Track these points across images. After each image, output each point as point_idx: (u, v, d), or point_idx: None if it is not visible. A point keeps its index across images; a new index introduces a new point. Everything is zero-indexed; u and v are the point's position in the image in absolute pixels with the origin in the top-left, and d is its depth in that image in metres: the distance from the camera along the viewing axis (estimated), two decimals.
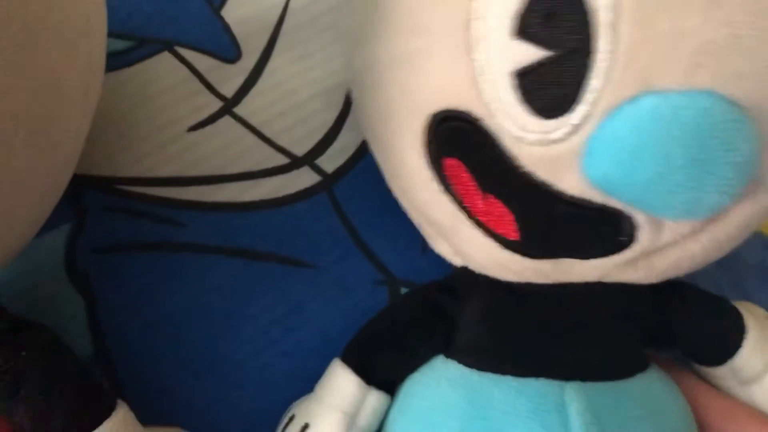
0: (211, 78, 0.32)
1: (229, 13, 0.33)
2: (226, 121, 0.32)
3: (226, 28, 0.33)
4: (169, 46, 0.32)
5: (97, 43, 0.23)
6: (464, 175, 0.24)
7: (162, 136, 0.31)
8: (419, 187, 0.26)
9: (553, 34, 0.20)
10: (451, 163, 0.24)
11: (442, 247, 0.29)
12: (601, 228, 0.23)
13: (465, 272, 0.28)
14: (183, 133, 0.32)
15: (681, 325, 0.28)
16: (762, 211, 0.24)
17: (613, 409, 0.25)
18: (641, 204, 0.22)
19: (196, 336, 0.31)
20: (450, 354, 0.28)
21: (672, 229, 0.23)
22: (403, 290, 0.32)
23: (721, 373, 0.29)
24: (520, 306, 0.27)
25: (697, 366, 0.30)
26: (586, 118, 0.21)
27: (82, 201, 0.31)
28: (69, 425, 0.23)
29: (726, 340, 0.28)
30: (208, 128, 0.32)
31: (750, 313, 0.28)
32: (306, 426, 0.28)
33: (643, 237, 0.23)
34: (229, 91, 0.32)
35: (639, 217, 0.23)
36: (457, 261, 0.29)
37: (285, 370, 0.31)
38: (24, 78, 0.19)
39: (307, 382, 0.30)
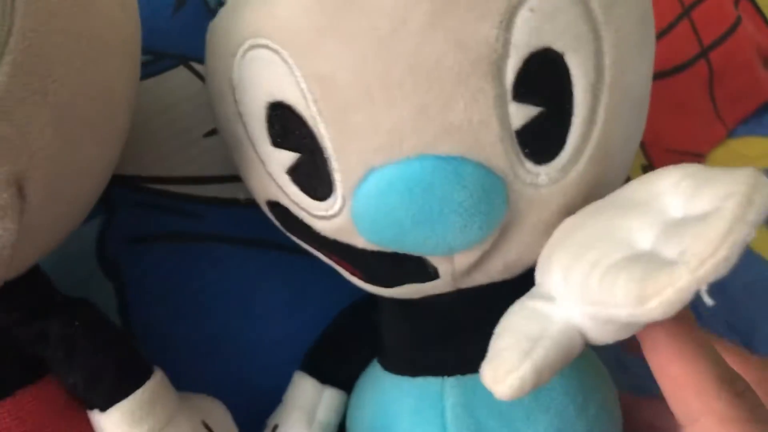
0: None
1: None
2: None
3: None
4: (184, 61, 0.36)
5: (138, 56, 0.27)
6: (308, 243, 0.28)
7: (181, 141, 0.35)
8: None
9: (292, 142, 0.24)
10: (297, 235, 0.29)
11: None
12: (407, 265, 0.26)
13: None
14: (200, 138, 0.35)
15: None
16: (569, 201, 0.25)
17: (486, 397, 0.26)
18: (409, 252, 0.25)
19: (212, 317, 0.35)
20: (378, 356, 0.32)
21: (460, 258, 0.26)
22: None
23: None
24: (411, 315, 0.30)
25: None
26: (343, 198, 0.24)
27: (111, 197, 0.34)
28: (116, 385, 0.26)
29: None
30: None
31: None
32: (276, 427, 0.32)
33: (441, 267, 0.26)
34: None
35: (424, 255, 0.26)
36: None
37: (291, 347, 0.35)
38: (90, 84, 0.23)
39: None
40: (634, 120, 0.26)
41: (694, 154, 0.47)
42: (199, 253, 0.35)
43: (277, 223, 0.29)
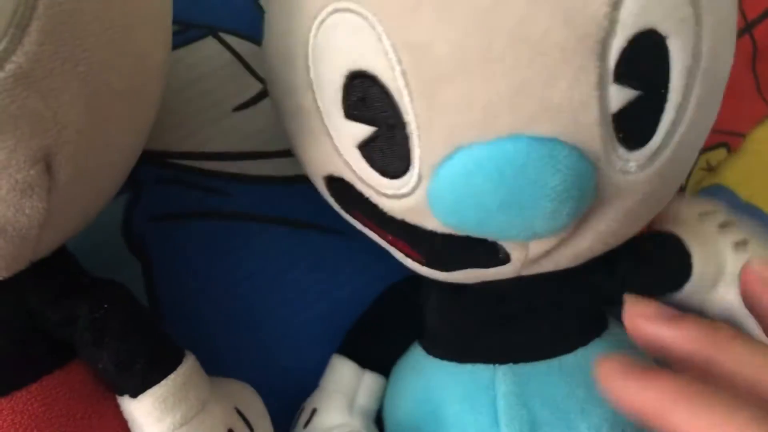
0: (252, 61, 0.34)
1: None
2: (268, 102, 0.34)
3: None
4: (212, 32, 0.34)
5: (169, 25, 0.26)
6: (367, 221, 0.27)
7: (209, 115, 0.34)
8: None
9: (371, 114, 0.23)
10: (355, 213, 0.27)
11: None
12: (478, 250, 0.25)
13: None
14: (229, 113, 0.34)
15: (633, 280, 0.29)
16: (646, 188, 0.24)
17: (540, 387, 0.27)
18: (488, 236, 0.24)
19: (241, 297, 0.34)
20: (420, 340, 0.32)
21: (536, 245, 0.25)
22: None
23: (685, 293, 0.29)
24: (463, 300, 0.30)
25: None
26: (420, 176, 0.23)
27: (137, 174, 0.33)
28: (148, 370, 0.25)
29: (677, 269, 0.29)
30: (251, 109, 0.34)
31: (688, 231, 0.29)
32: (314, 411, 0.31)
33: (515, 254, 0.25)
34: None
35: (501, 240, 0.25)
36: None
37: (322, 328, 0.34)
38: (121, 55, 0.22)
39: (341, 340, 0.33)
40: (714, 107, 0.25)
41: (734, 134, 0.45)
42: (228, 232, 0.34)
43: (331, 200, 0.28)
